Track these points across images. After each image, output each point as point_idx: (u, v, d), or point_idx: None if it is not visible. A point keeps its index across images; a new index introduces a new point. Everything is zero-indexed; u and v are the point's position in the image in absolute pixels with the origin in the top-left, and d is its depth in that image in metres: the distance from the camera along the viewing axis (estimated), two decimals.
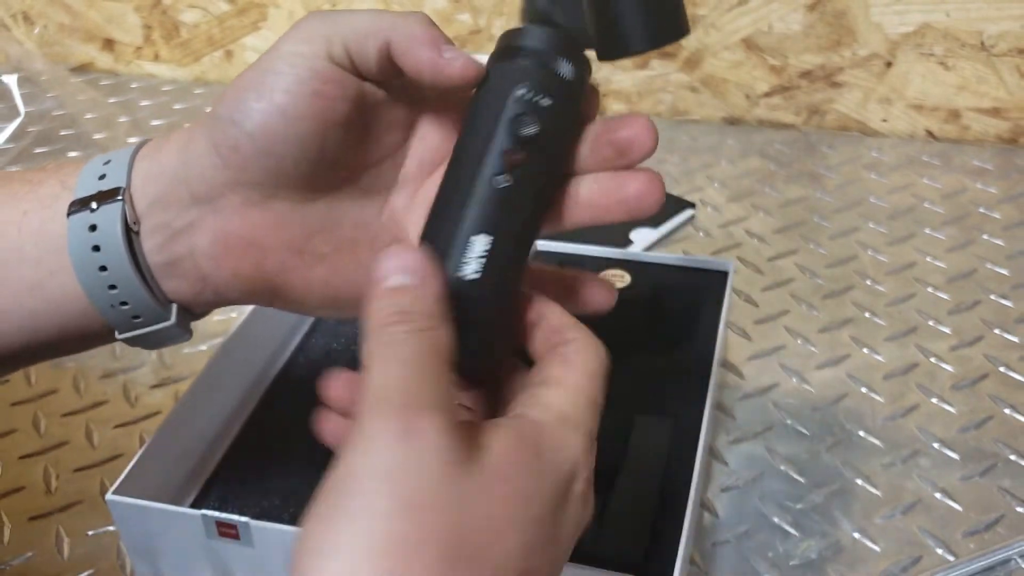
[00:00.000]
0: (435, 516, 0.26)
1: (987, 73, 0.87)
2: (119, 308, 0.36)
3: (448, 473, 0.27)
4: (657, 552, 0.47)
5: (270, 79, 0.34)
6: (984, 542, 0.51)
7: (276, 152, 0.34)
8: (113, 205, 0.35)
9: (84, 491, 0.57)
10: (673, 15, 0.36)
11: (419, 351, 0.29)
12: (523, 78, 0.34)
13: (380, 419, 0.27)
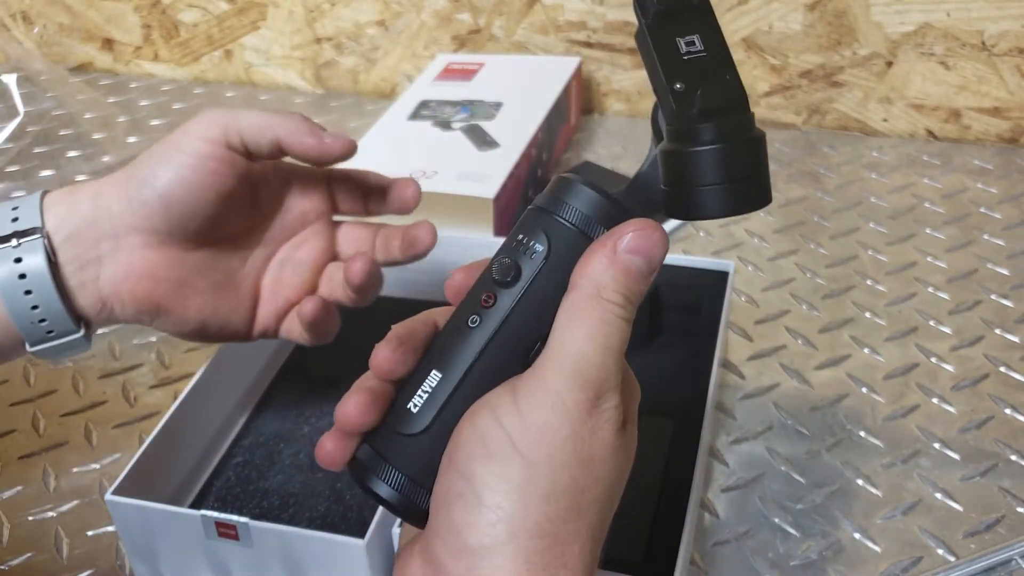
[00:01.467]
0: (602, 466, 0.32)
1: (988, 73, 0.87)
2: (38, 324, 0.44)
3: (615, 439, 0.32)
4: (657, 552, 0.47)
5: (178, 156, 0.45)
6: (985, 542, 0.51)
7: (176, 210, 0.45)
8: (34, 241, 0.43)
9: (83, 491, 0.57)
10: (755, 182, 0.33)
11: (621, 339, 0.33)
12: (532, 226, 0.34)
13: (576, 389, 0.31)
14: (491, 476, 0.31)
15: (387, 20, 1.01)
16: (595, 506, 0.32)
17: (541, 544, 0.30)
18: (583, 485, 0.31)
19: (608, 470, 0.32)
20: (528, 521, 0.30)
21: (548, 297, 0.33)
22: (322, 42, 1.05)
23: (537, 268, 0.33)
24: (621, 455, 0.33)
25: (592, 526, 0.32)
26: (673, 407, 0.55)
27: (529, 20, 0.95)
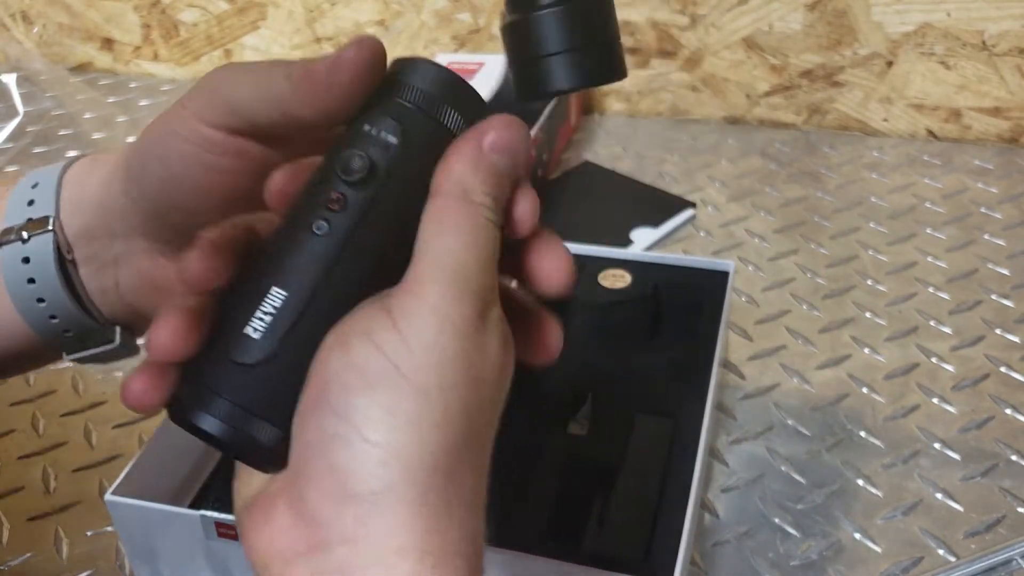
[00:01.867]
0: (492, 387, 0.29)
1: (988, 72, 0.87)
2: (62, 335, 0.36)
3: (503, 353, 0.29)
4: (657, 552, 0.47)
5: (170, 142, 0.32)
6: (985, 543, 0.51)
7: (170, 218, 0.34)
8: (44, 236, 0.35)
9: (83, 491, 0.57)
10: (605, 52, 0.30)
11: (495, 245, 0.29)
12: (376, 113, 0.29)
13: (462, 303, 0.28)
14: (375, 408, 0.26)
15: (387, 20, 1.01)
16: (485, 431, 0.29)
17: (438, 480, 0.26)
18: (475, 408, 0.28)
19: (494, 390, 0.29)
20: (425, 455, 0.26)
21: (406, 196, 0.29)
22: (322, 42, 1.04)
23: (392, 162, 0.29)
24: (506, 372, 0.29)
25: (482, 453, 0.29)
26: (673, 407, 0.55)
27: None
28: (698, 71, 0.94)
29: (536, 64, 0.30)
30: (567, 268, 0.32)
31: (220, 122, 0.31)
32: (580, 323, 0.61)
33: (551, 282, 0.32)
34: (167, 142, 0.32)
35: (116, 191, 0.35)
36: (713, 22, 0.91)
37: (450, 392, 0.27)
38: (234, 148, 0.32)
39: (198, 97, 0.32)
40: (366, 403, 0.26)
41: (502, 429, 0.31)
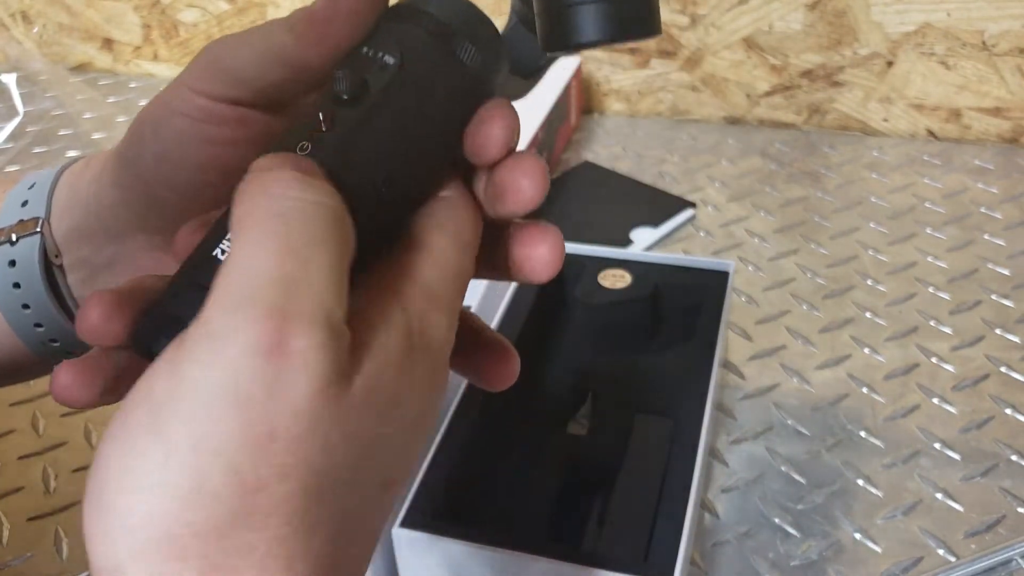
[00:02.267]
0: (292, 448, 0.21)
1: (988, 72, 0.87)
2: (48, 345, 0.34)
3: (318, 398, 0.21)
4: (657, 552, 0.46)
5: (167, 119, 0.30)
6: (985, 543, 0.51)
7: (173, 202, 0.31)
8: (32, 238, 0.32)
9: (83, 492, 0.57)
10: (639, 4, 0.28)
11: (319, 237, 0.22)
12: (377, 37, 0.27)
13: (243, 326, 0.20)
14: (106, 463, 0.21)
15: None
16: (288, 509, 0.21)
17: (184, 569, 0.20)
18: (255, 480, 0.20)
19: (311, 453, 0.21)
20: (157, 533, 0.20)
21: (401, 121, 0.26)
22: None
23: (388, 80, 0.26)
24: (340, 429, 0.21)
25: (286, 538, 0.21)
26: (673, 407, 0.55)
27: None
28: (698, 71, 0.94)
29: (565, 12, 0.27)
30: (541, 178, 0.27)
31: (220, 92, 0.29)
32: (580, 323, 0.61)
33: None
34: (162, 120, 0.30)
35: (106, 184, 0.32)
36: (713, 22, 0.91)
37: (211, 456, 0.20)
38: (235, 118, 0.29)
39: (195, 70, 0.29)
40: (115, 452, 0.21)
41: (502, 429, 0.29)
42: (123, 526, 0.20)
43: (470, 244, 0.27)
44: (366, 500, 0.23)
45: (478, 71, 0.28)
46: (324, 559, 0.22)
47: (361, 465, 0.22)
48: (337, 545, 0.22)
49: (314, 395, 0.21)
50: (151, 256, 0.33)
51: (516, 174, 0.27)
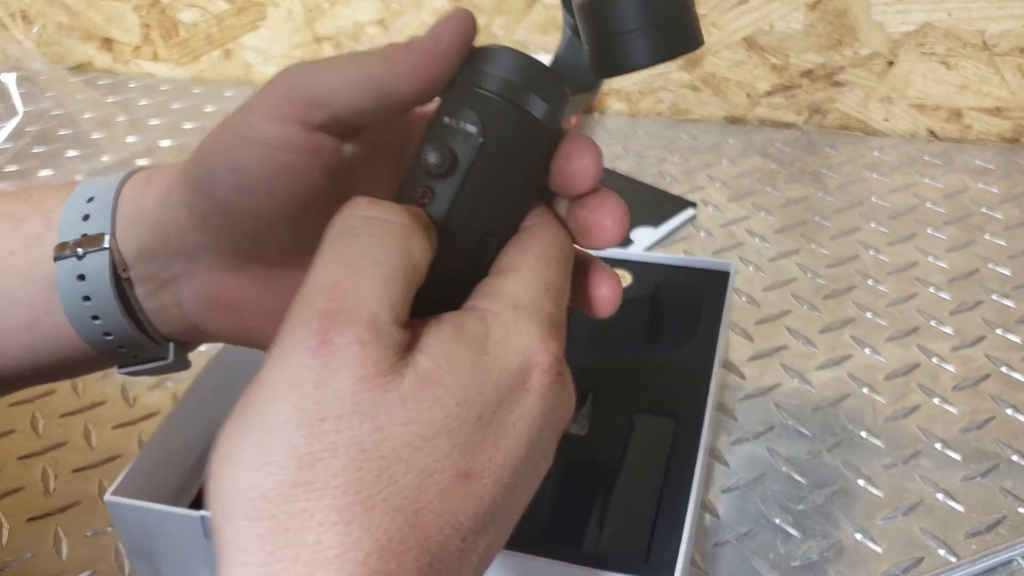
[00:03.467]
0: (340, 427, 0.24)
1: (989, 72, 0.86)
2: (117, 351, 0.36)
3: (362, 386, 0.25)
4: (657, 552, 0.46)
5: (238, 147, 0.31)
6: (986, 543, 0.51)
7: (245, 227, 0.33)
8: (100, 253, 0.34)
9: (82, 492, 0.57)
10: (682, 23, 0.30)
11: (375, 247, 0.26)
12: (455, 104, 0.30)
13: (298, 327, 0.25)
14: (216, 447, 0.25)
15: (387, 19, 1.01)
16: (342, 482, 0.24)
17: (257, 528, 0.24)
18: (309, 454, 0.24)
19: (358, 434, 0.24)
20: (240, 500, 0.24)
21: (492, 183, 0.29)
22: (321, 41, 1.04)
23: (474, 150, 0.29)
24: (391, 414, 0.25)
25: (343, 508, 0.24)
26: (673, 407, 0.55)
27: (530, 19, 0.95)
28: (698, 71, 0.94)
29: (616, 41, 0.29)
30: (622, 218, 0.31)
31: (298, 117, 0.31)
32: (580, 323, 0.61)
33: (603, 235, 0.32)
34: (235, 148, 0.31)
35: (177, 208, 0.34)
36: (714, 22, 0.91)
37: (272, 433, 0.24)
38: (310, 145, 0.31)
39: (270, 97, 0.31)
40: (221, 438, 0.26)
41: None
42: (217, 493, 0.25)
43: (555, 259, 0.30)
44: (431, 485, 0.25)
45: (549, 119, 0.31)
46: (385, 530, 0.24)
47: (420, 448, 0.25)
48: (399, 521, 0.24)
49: (357, 382, 0.24)
50: (217, 275, 0.35)
51: (600, 214, 0.31)
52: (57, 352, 0.37)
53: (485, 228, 0.30)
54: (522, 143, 0.30)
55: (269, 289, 0.35)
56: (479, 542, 0.26)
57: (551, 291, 0.29)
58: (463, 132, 0.29)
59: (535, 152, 0.31)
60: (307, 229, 0.32)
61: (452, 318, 0.28)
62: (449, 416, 0.25)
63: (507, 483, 0.27)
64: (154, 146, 0.97)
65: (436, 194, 0.29)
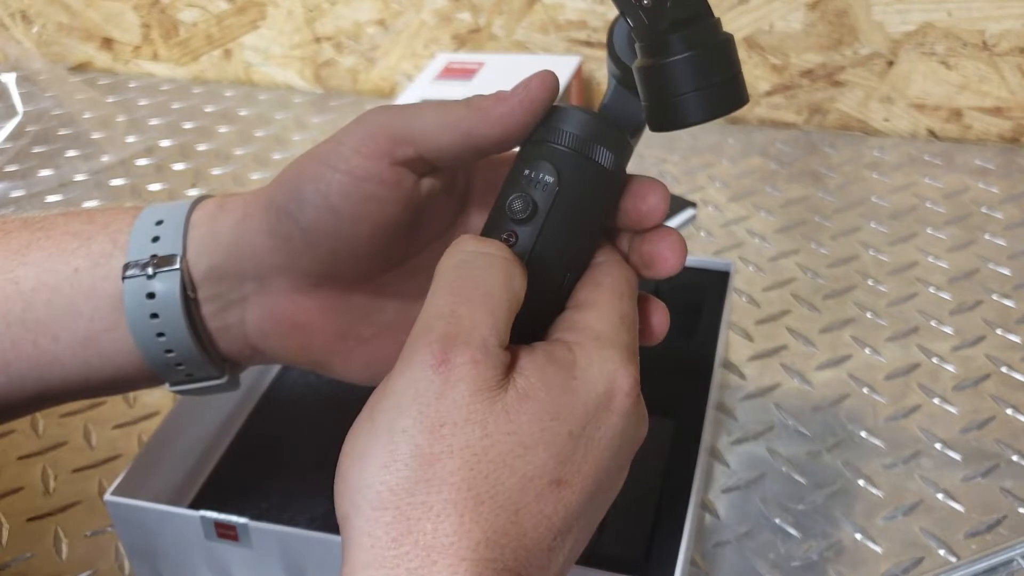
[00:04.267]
0: (456, 432, 0.28)
1: (989, 72, 0.86)
2: (174, 368, 0.38)
3: (475, 398, 0.29)
4: (657, 552, 0.46)
5: (328, 176, 0.34)
6: (986, 543, 0.51)
7: (327, 248, 0.36)
8: (171, 273, 0.36)
9: (82, 492, 0.57)
10: (731, 84, 0.33)
11: (484, 280, 0.31)
12: (533, 158, 0.34)
13: (421, 346, 0.29)
14: (346, 447, 0.30)
15: (387, 19, 1.01)
16: (457, 480, 0.28)
17: (384, 516, 0.28)
18: (430, 454, 0.28)
19: (471, 439, 0.28)
20: (369, 492, 0.28)
21: (567, 226, 0.34)
22: (321, 41, 1.04)
23: (552, 198, 0.33)
24: (498, 424, 0.29)
25: (457, 502, 0.28)
26: (673, 407, 0.55)
27: (529, 19, 0.95)
28: None
29: (674, 102, 0.33)
30: (682, 250, 0.35)
31: (385, 152, 0.34)
32: None
33: (665, 266, 0.36)
34: (324, 176, 0.35)
35: (255, 231, 0.36)
36: None
37: (400, 435, 0.28)
38: (393, 178, 0.35)
39: (359, 133, 0.35)
40: (347, 442, 0.30)
41: None
42: (346, 486, 0.29)
43: (626, 293, 0.34)
44: (531, 488, 0.29)
45: (613, 166, 0.35)
46: (491, 523, 0.28)
47: (522, 456, 0.29)
48: (503, 517, 0.28)
49: (471, 395, 0.29)
50: (288, 296, 0.37)
51: (662, 247, 0.35)
52: (111, 368, 0.38)
53: (562, 265, 0.34)
54: (593, 189, 0.34)
55: (336, 312, 0.38)
56: (565, 543, 0.30)
57: (625, 323, 0.33)
58: (542, 182, 0.33)
59: (604, 196, 0.35)
60: (379, 256, 0.37)
61: (543, 346, 0.32)
62: (545, 429, 0.29)
63: (591, 492, 0.30)
64: (154, 146, 0.97)
65: (520, 237, 0.33)
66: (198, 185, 0.90)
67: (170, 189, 0.90)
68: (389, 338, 0.39)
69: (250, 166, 0.92)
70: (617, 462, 0.32)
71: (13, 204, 0.88)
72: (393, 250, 0.37)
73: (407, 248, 0.38)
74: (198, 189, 0.89)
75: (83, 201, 0.88)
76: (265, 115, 1.02)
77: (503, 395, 0.29)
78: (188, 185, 0.90)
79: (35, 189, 0.90)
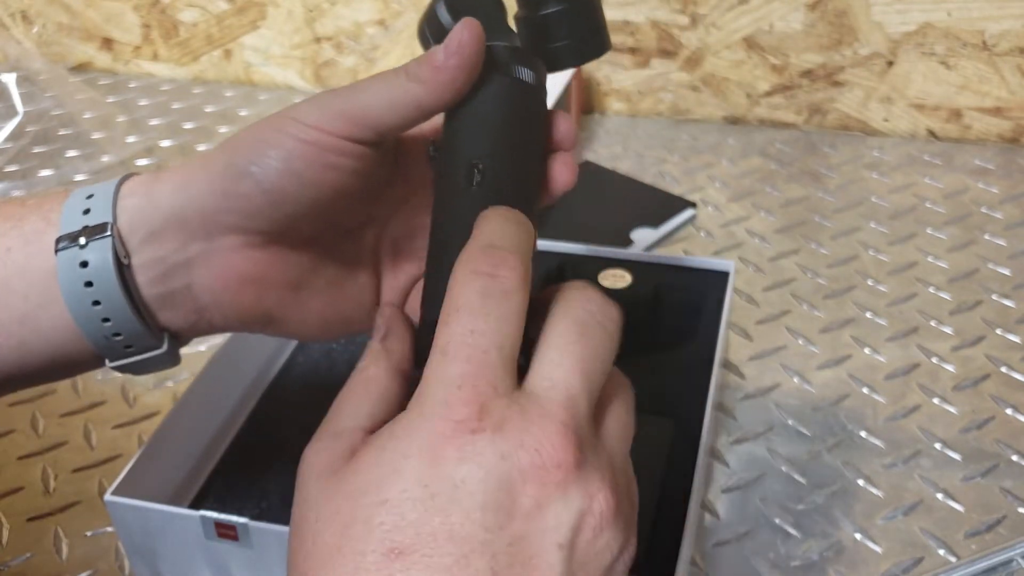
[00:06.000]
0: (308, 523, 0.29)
1: (989, 72, 0.86)
2: (112, 339, 0.37)
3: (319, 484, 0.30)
4: (658, 552, 0.46)
5: (289, 143, 0.35)
6: (986, 543, 0.51)
7: (286, 210, 0.36)
8: (102, 241, 0.36)
9: (82, 492, 0.57)
10: (596, 33, 0.40)
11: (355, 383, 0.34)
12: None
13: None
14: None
15: (387, 19, 1.01)
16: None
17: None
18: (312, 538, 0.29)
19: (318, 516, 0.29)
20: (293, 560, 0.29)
21: (458, 143, 0.36)
22: (321, 41, 1.04)
23: (445, 130, 0.36)
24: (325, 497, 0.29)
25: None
26: (673, 407, 0.55)
27: None
28: (698, 71, 0.94)
29: (544, 51, 0.39)
30: (573, 168, 0.38)
31: (343, 132, 0.35)
32: None
33: (560, 180, 0.38)
34: (286, 144, 0.35)
35: (202, 192, 0.36)
36: (713, 22, 0.91)
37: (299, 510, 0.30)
38: (355, 151, 0.36)
39: (316, 112, 0.35)
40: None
41: None
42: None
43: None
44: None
45: (540, 82, 0.38)
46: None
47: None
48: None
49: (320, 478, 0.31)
50: (241, 252, 0.37)
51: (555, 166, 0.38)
52: (49, 348, 0.38)
53: (466, 159, 0.35)
54: (541, 111, 0.37)
55: (289, 264, 0.38)
56: None
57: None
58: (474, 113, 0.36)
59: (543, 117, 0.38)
60: (333, 219, 0.38)
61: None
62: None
63: None
64: (154, 146, 0.97)
65: (435, 173, 0.37)
66: None
67: None
68: (338, 287, 0.40)
69: None
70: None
71: None
72: (346, 216, 0.39)
73: (359, 214, 0.40)
74: None
75: None
76: (265, 115, 1.02)
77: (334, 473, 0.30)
78: None
79: (35, 189, 0.90)
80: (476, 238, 0.32)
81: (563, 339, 0.30)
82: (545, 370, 0.30)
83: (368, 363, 0.34)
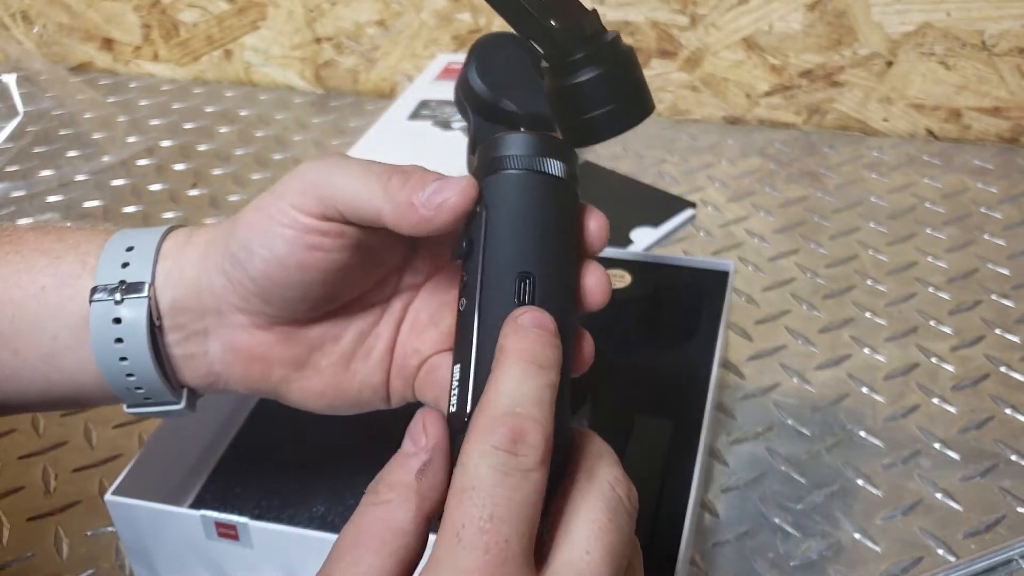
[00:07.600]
0: None
1: (988, 72, 0.87)
2: (133, 392, 0.38)
3: None
4: (657, 552, 0.47)
5: (274, 228, 0.35)
6: (985, 543, 0.51)
7: (275, 295, 0.36)
8: (139, 301, 0.37)
9: (83, 491, 0.57)
10: (638, 96, 0.35)
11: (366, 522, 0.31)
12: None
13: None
14: None
15: (387, 20, 1.01)
16: None
17: None
18: None
19: None
20: None
21: (502, 250, 0.33)
22: (322, 42, 1.05)
23: (483, 229, 0.33)
24: None
25: None
26: (673, 407, 0.55)
27: None
28: (698, 71, 0.94)
29: (581, 122, 0.35)
30: (607, 285, 0.36)
31: (317, 212, 0.35)
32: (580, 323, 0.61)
33: (595, 299, 0.36)
34: (269, 229, 0.35)
35: (213, 271, 0.37)
36: (713, 22, 0.91)
37: None
38: (334, 229, 0.35)
39: (294, 190, 0.35)
40: None
41: None
42: None
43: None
44: None
45: (571, 173, 0.36)
46: None
47: None
48: None
49: None
50: (246, 333, 0.38)
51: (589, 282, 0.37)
52: (71, 385, 0.39)
53: (508, 286, 0.33)
54: (512, 199, 0.34)
55: (293, 344, 0.38)
56: None
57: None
58: (476, 216, 0.34)
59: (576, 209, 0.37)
60: (331, 296, 0.37)
61: None
62: None
63: None
64: (155, 146, 0.97)
65: (468, 275, 0.34)
66: (198, 185, 0.90)
67: (170, 189, 0.90)
68: (343, 367, 0.39)
69: (250, 166, 0.93)
70: None
71: (14, 204, 0.88)
72: (345, 288, 0.38)
73: (360, 283, 0.38)
74: (198, 189, 0.89)
75: (84, 201, 0.88)
76: (265, 115, 1.02)
77: None
78: (189, 185, 0.90)
79: (36, 189, 0.90)
80: (493, 399, 0.29)
81: (593, 526, 0.29)
82: (573, 556, 0.28)
83: (396, 503, 0.30)
